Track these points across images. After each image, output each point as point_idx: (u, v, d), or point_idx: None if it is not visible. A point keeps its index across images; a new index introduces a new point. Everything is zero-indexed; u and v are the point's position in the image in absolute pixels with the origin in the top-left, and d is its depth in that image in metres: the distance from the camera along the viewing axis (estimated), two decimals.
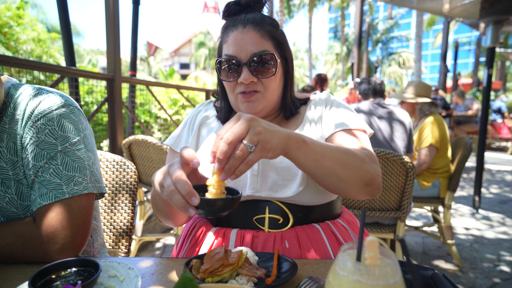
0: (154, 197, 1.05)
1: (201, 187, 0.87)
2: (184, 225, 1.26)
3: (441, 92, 9.57)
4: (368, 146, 1.11)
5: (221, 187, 0.80)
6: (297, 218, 1.08)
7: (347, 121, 1.13)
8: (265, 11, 1.18)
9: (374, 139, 2.74)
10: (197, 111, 1.28)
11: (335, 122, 1.14)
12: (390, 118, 2.79)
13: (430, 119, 3.26)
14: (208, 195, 0.80)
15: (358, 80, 3.30)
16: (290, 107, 1.19)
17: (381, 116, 2.81)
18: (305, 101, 1.25)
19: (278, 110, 1.22)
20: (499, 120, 11.16)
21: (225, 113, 1.23)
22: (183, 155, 0.80)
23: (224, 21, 1.18)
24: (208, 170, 1.09)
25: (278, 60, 1.10)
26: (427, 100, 3.33)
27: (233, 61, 1.08)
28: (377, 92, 3.01)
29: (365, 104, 2.90)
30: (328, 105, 1.20)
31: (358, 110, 2.87)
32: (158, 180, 0.82)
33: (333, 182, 0.94)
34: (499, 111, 11.23)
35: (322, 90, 5.61)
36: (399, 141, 2.75)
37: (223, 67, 1.11)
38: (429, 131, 3.19)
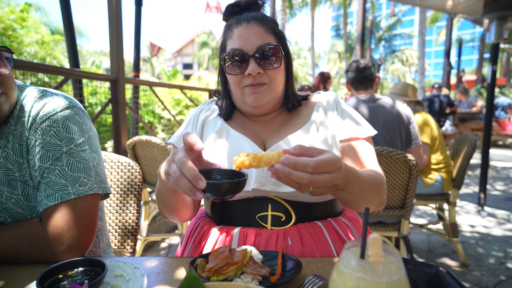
0: (159, 191, 1.06)
1: (207, 172, 0.90)
2: (188, 225, 1.28)
3: (444, 90, 9.50)
4: (375, 157, 1.18)
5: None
6: (299, 215, 1.09)
7: (356, 130, 1.18)
8: (265, 11, 1.23)
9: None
10: (200, 110, 1.30)
11: (345, 129, 1.18)
12: (385, 113, 2.69)
13: (416, 117, 3.27)
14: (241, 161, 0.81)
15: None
16: (292, 100, 1.23)
17: (374, 112, 2.69)
18: (306, 98, 1.28)
19: (282, 105, 1.25)
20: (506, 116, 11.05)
21: (227, 111, 1.24)
22: (186, 139, 0.83)
23: (224, 23, 1.22)
24: (216, 163, 1.11)
25: (283, 53, 1.14)
26: (412, 99, 3.39)
27: (240, 54, 1.11)
28: (366, 79, 2.83)
29: (354, 104, 2.76)
30: (338, 109, 1.23)
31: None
32: (164, 169, 0.85)
33: (351, 206, 1.04)
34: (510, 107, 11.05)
35: (325, 88, 5.59)
36: (396, 137, 2.70)
37: (229, 62, 1.13)
38: (418, 130, 3.21)
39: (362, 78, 2.84)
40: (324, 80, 5.60)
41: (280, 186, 1.07)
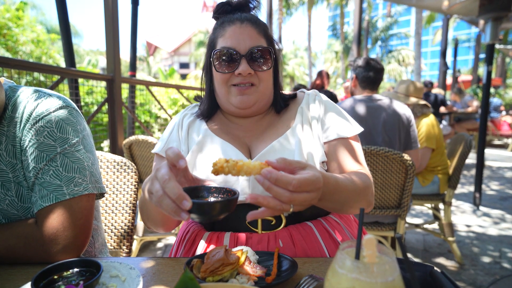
0: (143, 205, 1.05)
1: (193, 190, 0.83)
2: (179, 229, 1.27)
3: (436, 90, 9.53)
4: (362, 156, 1.18)
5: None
6: (289, 218, 1.09)
7: (342, 129, 1.16)
8: (257, 14, 1.23)
9: (370, 139, 2.70)
10: (182, 116, 1.27)
11: (332, 129, 1.17)
12: (385, 114, 2.69)
13: (423, 120, 3.26)
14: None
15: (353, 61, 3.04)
16: (280, 102, 1.23)
17: (374, 113, 2.69)
18: (294, 96, 1.27)
19: (269, 106, 1.24)
20: (503, 116, 11.18)
21: (207, 111, 1.23)
22: (169, 156, 0.77)
23: (214, 21, 1.22)
24: (201, 172, 1.09)
25: (274, 56, 1.14)
26: (420, 101, 3.34)
27: (231, 53, 1.10)
28: (378, 81, 2.85)
29: (353, 102, 2.77)
30: (322, 106, 1.22)
31: (351, 112, 2.69)
32: (147, 187, 0.79)
33: (333, 211, 1.06)
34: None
35: (322, 88, 5.61)
36: (395, 139, 2.70)
37: (219, 60, 1.12)
38: (423, 133, 3.19)
39: (377, 79, 2.84)
40: (326, 79, 5.63)
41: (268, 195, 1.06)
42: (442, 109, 8.12)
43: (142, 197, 1.03)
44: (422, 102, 3.33)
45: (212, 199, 0.83)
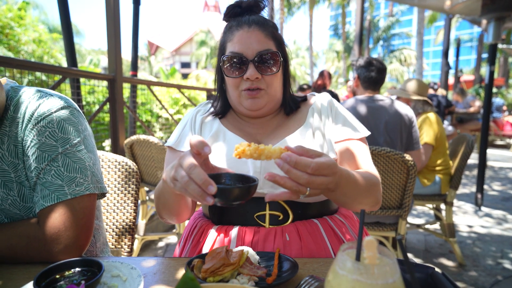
0: (161, 195, 1.07)
1: (215, 176, 0.88)
2: (185, 225, 1.28)
3: (440, 90, 9.49)
4: (370, 158, 1.20)
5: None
6: (296, 214, 1.11)
7: (351, 131, 1.20)
8: (264, 14, 1.23)
9: (371, 139, 2.68)
10: (196, 111, 1.31)
11: (340, 131, 1.20)
12: (387, 114, 2.68)
13: (424, 117, 3.26)
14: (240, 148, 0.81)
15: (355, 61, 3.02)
16: (290, 104, 1.25)
17: (376, 113, 2.69)
18: (305, 98, 1.29)
19: (279, 107, 1.26)
20: (505, 116, 11.15)
21: (221, 109, 1.26)
22: (193, 143, 0.81)
23: (225, 23, 1.23)
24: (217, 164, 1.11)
25: (281, 59, 1.15)
26: (421, 98, 3.33)
27: (240, 58, 1.12)
28: (381, 81, 2.83)
29: (355, 103, 2.77)
30: (332, 111, 1.24)
31: (353, 112, 2.68)
32: (170, 174, 0.83)
33: (344, 206, 1.05)
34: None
35: (324, 88, 5.61)
36: (397, 139, 2.69)
37: (228, 64, 1.14)
38: (424, 130, 3.19)
39: (379, 79, 2.83)
40: (328, 79, 5.64)
41: (277, 188, 1.08)
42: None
43: (159, 186, 1.06)
44: (423, 98, 3.34)
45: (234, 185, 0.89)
